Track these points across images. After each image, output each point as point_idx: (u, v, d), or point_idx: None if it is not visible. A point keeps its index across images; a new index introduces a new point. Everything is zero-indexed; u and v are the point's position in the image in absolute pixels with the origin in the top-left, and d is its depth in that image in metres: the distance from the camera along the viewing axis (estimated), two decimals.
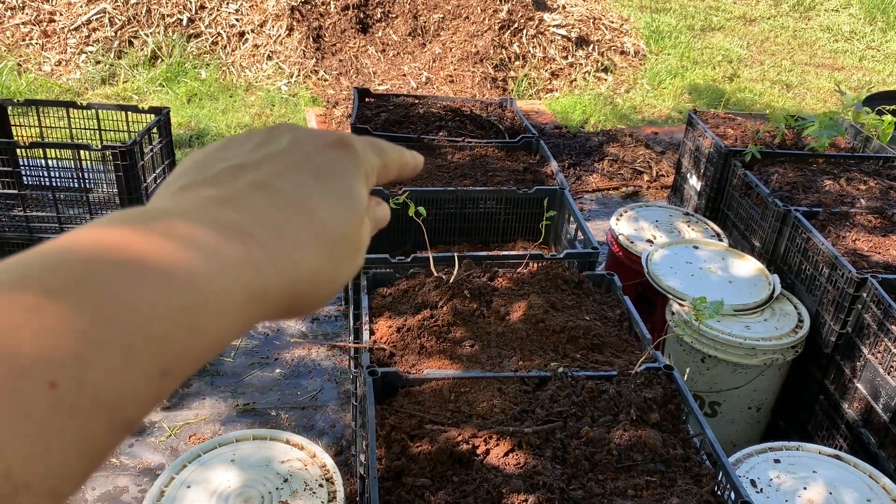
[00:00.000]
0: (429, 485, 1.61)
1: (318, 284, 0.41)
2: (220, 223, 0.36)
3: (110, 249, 0.31)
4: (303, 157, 0.44)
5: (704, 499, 1.62)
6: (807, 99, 7.22)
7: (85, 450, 0.28)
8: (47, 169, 3.30)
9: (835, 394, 2.69)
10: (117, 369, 0.29)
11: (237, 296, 0.35)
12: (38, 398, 0.26)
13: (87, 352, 0.28)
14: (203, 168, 0.43)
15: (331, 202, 0.42)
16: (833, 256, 2.68)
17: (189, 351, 0.32)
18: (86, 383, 0.28)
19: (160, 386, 0.31)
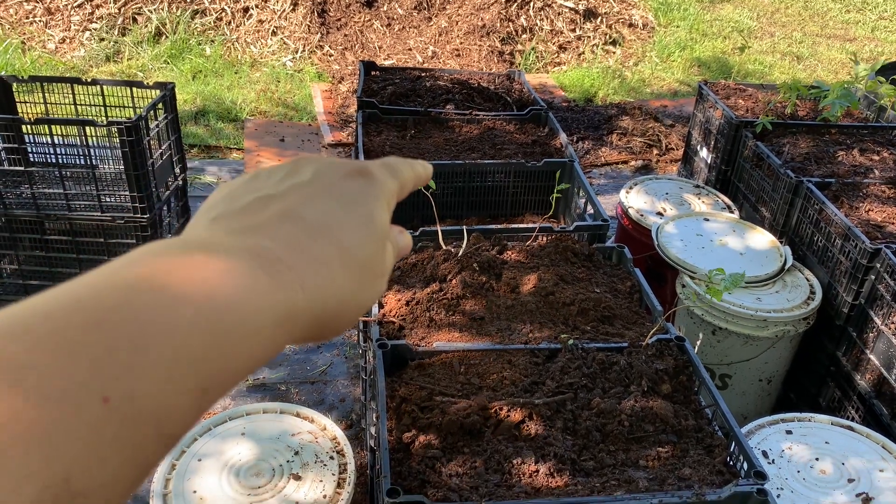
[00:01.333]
0: (440, 456, 1.60)
1: (344, 308, 0.43)
2: (252, 250, 0.39)
3: (152, 276, 0.34)
4: (326, 187, 0.46)
5: (717, 469, 1.61)
6: (818, 70, 7.13)
7: (135, 460, 0.30)
8: (53, 146, 3.29)
9: (847, 365, 2.68)
10: (162, 386, 0.31)
11: (270, 318, 0.37)
12: (93, 411, 0.28)
13: (136, 369, 0.30)
14: (233, 200, 0.45)
15: (355, 228, 0.45)
16: (846, 227, 2.65)
17: (226, 370, 0.35)
18: (135, 397, 0.30)
19: (201, 402, 0.33)
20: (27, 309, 0.31)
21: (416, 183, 0.57)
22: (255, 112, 5.59)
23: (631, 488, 1.53)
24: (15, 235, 3.31)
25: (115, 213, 3.21)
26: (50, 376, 0.28)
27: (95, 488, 0.28)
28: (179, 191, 3.64)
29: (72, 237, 3.27)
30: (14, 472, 0.26)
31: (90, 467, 0.28)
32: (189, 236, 0.42)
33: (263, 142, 5.17)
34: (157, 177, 3.29)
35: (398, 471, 1.57)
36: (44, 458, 0.26)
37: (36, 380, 0.28)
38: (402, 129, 3.19)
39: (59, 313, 0.31)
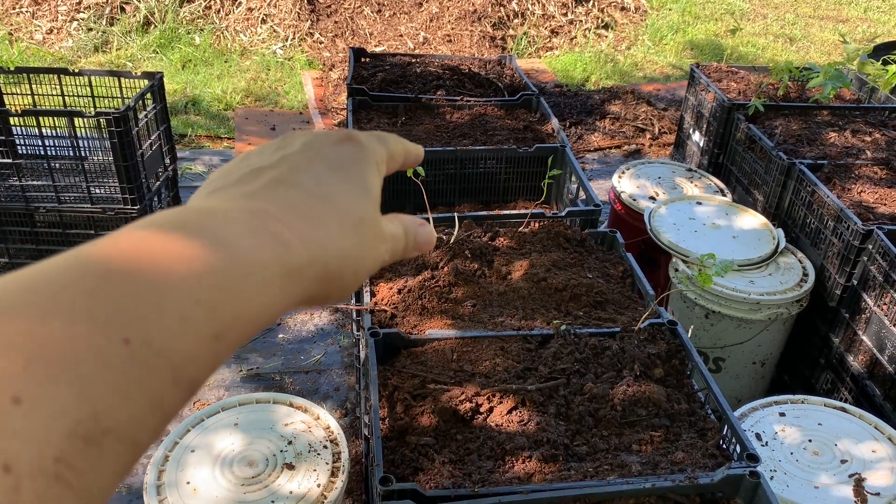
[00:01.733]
0: (432, 443, 1.60)
1: (345, 266, 0.44)
2: (251, 211, 0.40)
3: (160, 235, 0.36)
4: (316, 154, 0.48)
5: (709, 452, 1.61)
6: (811, 52, 7.11)
7: (156, 403, 0.31)
8: (41, 137, 3.26)
9: (840, 347, 2.68)
10: (176, 331, 0.32)
11: (275, 270, 0.38)
12: (116, 351, 0.30)
13: (150, 314, 0.32)
14: (227, 175, 0.47)
15: (348, 190, 0.46)
16: (838, 209, 2.65)
17: (238, 319, 0.36)
18: (152, 341, 0.31)
19: (216, 349, 0.35)
20: (44, 265, 0.32)
21: (406, 156, 0.57)
22: (246, 101, 5.55)
23: (624, 472, 1.53)
24: (4, 228, 3.29)
25: (105, 205, 3.19)
26: (74, 319, 0.29)
27: (121, 426, 0.29)
28: (170, 181, 3.62)
29: (62, 229, 3.26)
30: (49, 407, 0.27)
31: (116, 406, 0.29)
32: (189, 205, 0.44)
33: (254, 130, 5.15)
34: (147, 167, 3.27)
35: (391, 459, 1.57)
36: (74, 394, 0.28)
37: (61, 323, 0.29)
38: (393, 115, 3.17)
39: (75, 266, 0.32)
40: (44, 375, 0.27)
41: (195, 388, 0.34)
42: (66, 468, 0.27)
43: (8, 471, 0.25)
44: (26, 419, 0.26)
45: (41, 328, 0.28)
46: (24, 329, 0.28)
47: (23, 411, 0.26)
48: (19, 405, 0.26)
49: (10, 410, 0.26)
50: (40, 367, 0.27)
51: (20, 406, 0.26)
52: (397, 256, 0.51)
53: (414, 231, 0.53)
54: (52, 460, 0.26)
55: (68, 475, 0.27)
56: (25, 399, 0.27)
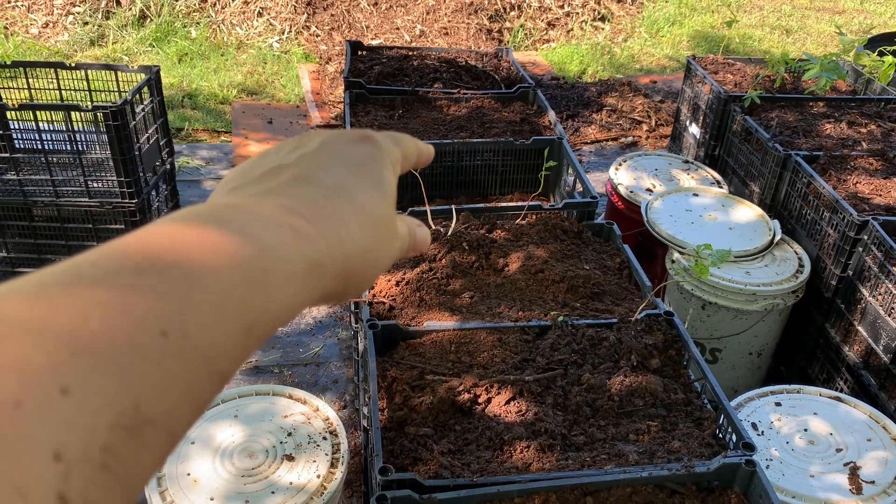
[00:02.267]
0: (431, 434, 1.62)
1: (365, 262, 0.45)
2: (272, 206, 0.41)
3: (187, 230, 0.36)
4: (334, 153, 0.49)
5: (706, 441, 1.62)
6: (807, 44, 7.11)
7: (192, 395, 0.32)
8: (38, 132, 3.26)
9: (835, 337, 2.70)
10: (211, 324, 0.33)
11: (299, 266, 0.39)
12: (154, 344, 0.30)
13: (187, 308, 0.32)
14: (247, 173, 0.48)
15: (366, 188, 0.47)
16: (834, 200, 2.66)
17: (266, 312, 0.37)
18: (188, 335, 0.32)
19: (246, 342, 0.36)
20: (80, 259, 0.33)
21: (417, 156, 0.59)
22: (242, 94, 5.55)
23: (621, 462, 1.54)
24: (3, 223, 3.29)
25: (103, 199, 3.19)
26: (113, 313, 0.30)
27: (161, 418, 0.30)
28: (167, 175, 3.62)
29: (60, 223, 3.26)
30: (95, 398, 0.28)
31: (155, 397, 0.30)
32: (211, 201, 0.45)
33: (251, 124, 5.14)
34: (145, 161, 3.27)
35: (390, 449, 1.58)
36: (117, 385, 0.28)
37: (101, 315, 0.29)
38: (390, 108, 3.18)
39: (111, 260, 0.33)
40: (89, 367, 0.28)
41: (226, 380, 0.35)
42: (112, 457, 0.28)
43: (59, 459, 0.26)
44: (75, 409, 0.27)
45: (83, 321, 0.29)
46: (67, 322, 0.29)
47: (71, 402, 0.27)
48: (68, 395, 0.27)
49: (59, 400, 0.27)
50: (85, 359, 0.28)
51: (69, 396, 0.27)
52: (402, 254, 0.53)
53: (414, 231, 0.54)
54: (99, 449, 0.27)
55: (113, 464, 0.28)
56: (73, 389, 0.27)
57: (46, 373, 0.27)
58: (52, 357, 0.27)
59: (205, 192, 4.34)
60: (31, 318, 0.28)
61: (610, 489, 1.49)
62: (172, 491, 1.77)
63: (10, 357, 0.27)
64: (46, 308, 0.29)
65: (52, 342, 0.28)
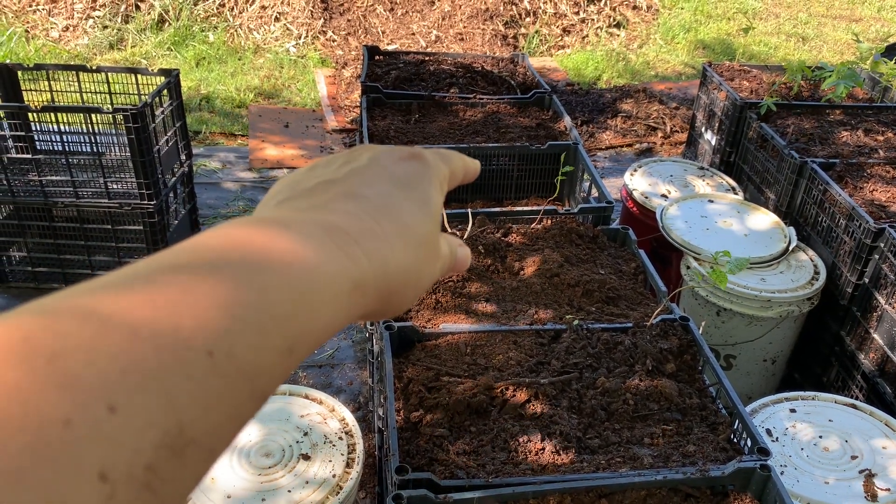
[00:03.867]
0: (447, 435, 1.63)
1: (406, 282, 0.45)
2: (320, 224, 0.41)
3: (238, 243, 0.36)
4: (382, 170, 0.49)
5: (721, 446, 1.63)
6: (823, 51, 7.09)
7: (233, 414, 0.32)
8: (59, 133, 3.31)
9: (851, 345, 2.69)
10: (255, 344, 0.33)
11: (343, 285, 0.39)
12: (199, 364, 0.30)
13: (233, 328, 0.32)
14: (296, 186, 0.48)
15: (412, 208, 0.47)
16: (850, 207, 2.66)
17: (309, 332, 0.37)
18: (234, 355, 0.32)
19: (288, 362, 0.35)
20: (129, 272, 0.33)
21: (465, 173, 0.59)
22: (259, 98, 5.59)
23: (636, 465, 1.55)
24: (23, 223, 3.34)
25: (122, 200, 3.23)
26: (161, 330, 0.30)
27: (202, 437, 0.30)
28: (185, 177, 3.66)
29: (79, 224, 3.30)
30: (141, 417, 0.28)
31: (198, 417, 0.30)
32: (260, 214, 0.44)
33: (268, 128, 5.18)
34: (164, 163, 3.31)
35: (406, 450, 1.59)
36: (162, 405, 0.28)
37: (150, 333, 0.29)
38: (407, 113, 3.20)
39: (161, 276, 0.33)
40: (135, 385, 0.28)
41: (266, 399, 0.34)
42: (155, 477, 0.28)
43: (105, 479, 0.26)
44: (122, 428, 0.27)
45: (132, 340, 0.29)
46: (117, 340, 0.29)
47: (118, 420, 0.27)
48: (115, 413, 0.27)
49: (106, 419, 0.27)
50: (133, 377, 0.28)
51: (116, 415, 0.27)
52: (443, 274, 0.53)
53: (455, 251, 0.54)
54: (143, 469, 0.27)
55: (156, 483, 0.28)
56: (120, 408, 0.27)
57: (96, 391, 0.27)
58: (101, 375, 0.27)
59: (222, 195, 4.38)
60: (83, 333, 0.28)
61: (624, 492, 1.50)
62: None
63: (62, 373, 0.27)
64: (97, 325, 0.29)
65: (103, 359, 0.28)
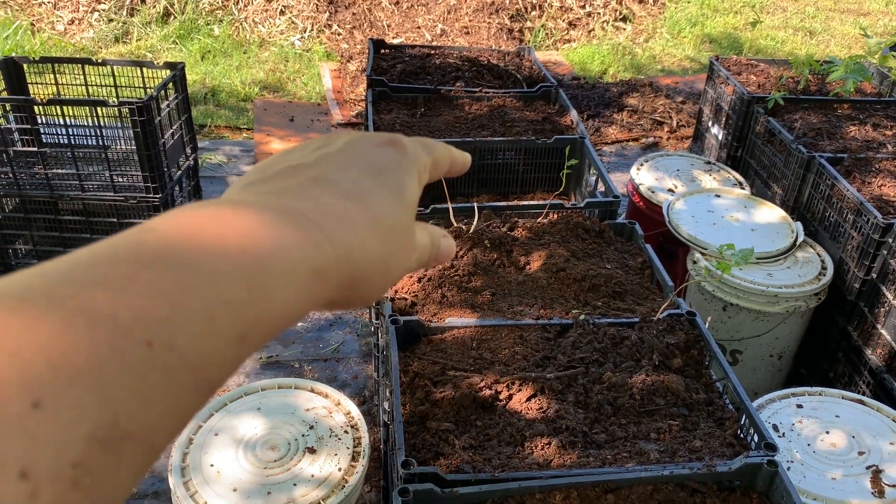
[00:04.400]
0: (452, 429, 1.62)
1: (373, 271, 0.43)
2: (281, 209, 0.40)
3: (188, 230, 0.35)
4: (357, 155, 0.47)
5: (727, 441, 1.62)
6: (831, 46, 7.05)
7: (175, 407, 0.31)
8: (65, 126, 3.31)
9: (858, 340, 2.68)
10: (202, 333, 0.31)
11: (301, 271, 0.37)
12: (138, 355, 0.29)
13: (175, 316, 0.31)
14: (265, 170, 0.46)
15: (384, 195, 0.45)
16: (858, 202, 2.64)
17: (263, 320, 0.35)
18: (175, 345, 0.30)
19: (239, 351, 0.34)
20: (68, 261, 0.31)
21: (451, 164, 0.57)
22: (264, 92, 5.59)
23: (642, 460, 1.54)
24: (29, 216, 3.34)
25: (128, 193, 3.23)
26: (97, 321, 0.28)
27: (141, 431, 0.29)
28: (191, 171, 3.66)
29: (85, 217, 3.30)
30: (70, 411, 0.26)
31: (136, 410, 0.28)
32: (222, 198, 0.43)
33: (273, 121, 5.18)
34: (169, 157, 3.31)
35: (412, 443, 1.59)
36: (95, 398, 0.27)
37: (84, 324, 0.28)
38: (412, 107, 3.19)
39: (101, 265, 0.31)
40: (66, 379, 0.27)
41: (214, 389, 0.33)
42: (84, 473, 0.26)
43: (25, 477, 0.25)
44: (46, 424, 0.26)
45: (65, 331, 0.28)
46: (47, 332, 0.27)
47: (43, 416, 0.26)
48: (39, 409, 0.26)
49: (29, 415, 0.25)
50: (63, 371, 0.27)
51: (40, 411, 0.26)
52: (421, 266, 0.51)
53: (438, 242, 0.53)
54: (70, 466, 0.26)
55: (85, 480, 0.26)
56: (46, 403, 0.26)
57: (19, 385, 0.26)
58: (26, 369, 0.26)
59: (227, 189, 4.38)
60: (11, 326, 0.27)
61: (631, 487, 1.49)
62: (196, 481, 1.79)
63: None
64: (29, 315, 0.28)
65: (29, 353, 0.26)
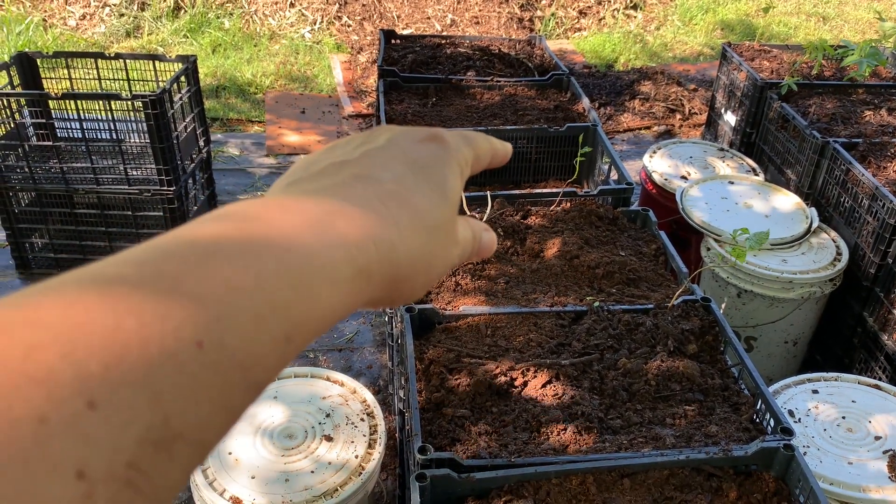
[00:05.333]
0: (468, 415, 1.63)
1: (416, 269, 0.43)
2: (326, 208, 0.40)
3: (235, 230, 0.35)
4: (400, 152, 0.47)
5: (743, 426, 1.62)
6: (844, 31, 6.98)
7: (225, 406, 0.31)
8: (79, 121, 3.33)
9: (874, 326, 2.67)
10: (250, 333, 0.32)
11: (346, 271, 0.38)
12: (188, 355, 0.29)
13: (225, 316, 0.31)
14: (309, 167, 0.46)
15: (426, 192, 0.45)
16: (873, 187, 2.63)
17: (308, 320, 0.35)
18: (225, 345, 0.30)
19: (285, 351, 0.34)
20: (121, 258, 0.32)
21: (493, 156, 0.56)
22: (275, 84, 5.60)
23: (658, 445, 1.55)
24: (45, 210, 3.37)
25: (142, 186, 3.25)
26: (148, 321, 0.29)
27: (191, 430, 0.29)
28: (204, 163, 3.68)
29: (100, 210, 3.33)
30: (123, 411, 0.27)
31: (186, 410, 0.29)
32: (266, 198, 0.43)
33: (284, 113, 5.19)
34: (182, 149, 3.33)
35: (428, 430, 1.60)
36: (147, 398, 0.27)
37: (136, 324, 0.28)
38: (424, 97, 3.19)
39: (153, 263, 0.32)
40: (119, 379, 0.27)
41: (262, 389, 0.33)
42: (137, 473, 0.27)
43: (82, 477, 0.25)
44: (101, 425, 0.26)
45: (117, 329, 0.28)
46: (100, 330, 0.27)
47: (98, 416, 0.26)
48: (95, 410, 0.26)
49: (85, 415, 0.26)
50: (115, 371, 0.27)
51: (96, 411, 0.26)
52: (463, 261, 0.51)
53: (479, 236, 0.52)
54: (125, 466, 0.26)
55: (139, 480, 0.27)
56: (101, 404, 0.26)
57: (74, 385, 0.26)
58: (81, 368, 0.26)
59: (240, 181, 4.40)
60: (64, 325, 0.27)
61: (647, 471, 1.50)
62: (214, 469, 1.81)
63: (38, 368, 0.26)
64: (82, 313, 0.28)
65: (82, 351, 0.27)
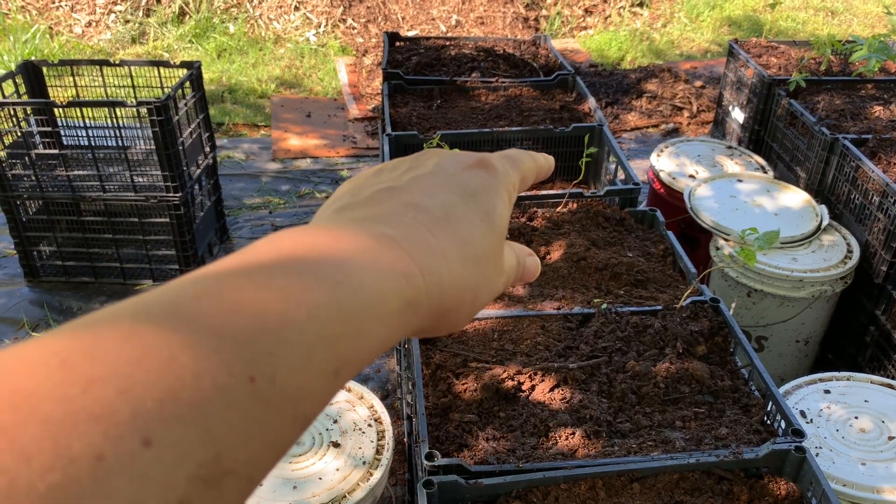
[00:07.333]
0: (476, 420, 1.62)
1: (461, 300, 0.43)
2: (376, 237, 0.39)
3: (286, 258, 0.35)
4: (448, 179, 0.47)
5: (754, 428, 1.60)
6: (853, 25, 6.93)
7: (274, 441, 0.31)
8: (85, 128, 3.34)
9: (886, 324, 2.64)
10: (300, 368, 0.31)
11: (394, 303, 0.37)
12: (240, 391, 0.29)
13: (277, 350, 0.31)
14: (357, 192, 0.46)
15: (474, 221, 0.45)
16: (884, 184, 2.60)
17: (356, 353, 0.35)
18: (276, 380, 0.30)
19: (333, 384, 0.34)
20: (176, 289, 0.31)
21: (538, 174, 0.56)
22: (281, 88, 5.60)
23: (668, 448, 1.53)
24: (52, 217, 3.38)
25: (148, 193, 3.25)
26: (201, 356, 0.28)
27: (240, 466, 0.28)
28: (210, 169, 3.68)
29: (107, 217, 3.33)
30: (176, 448, 0.26)
31: (237, 446, 0.28)
32: (316, 223, 0.43)
33: (290, 118, 5.19)
34: (188, 155, 3.33)
35: (436, 436, 1.59)
36: (199, 435, 0.27)
37: (190, 359, 0.28)
38: (429, 99, 3.18)
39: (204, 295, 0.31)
40: (172, 416, 0.27)
41: (309, 423, 0.33)
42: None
43: None
44: (155, 463, 0.26)
45: (171, 364, 0.28)
46: (155, 366, 0.27)
47: (152, 454, 0.26)
48: (149, 448, 0.26)
49: (140, 453, 0.25)
50: (170, 408, 0.27)
51: (150, 449, 0.26)
52: (507, 287, 0.50)
53: (524, 262, 0.52)
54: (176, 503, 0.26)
55: None
56: (155, 441, 0.26)
57: (130, 422, 0.26)
58: (137, 404, 0.26)
59: (246, 186, 4.40)
60: (121, 359, 0.27)
61: (657, 475, 1.48)
62: None
63: (96, 404, 0.25)
64: (138, 347, 0.28)
65: (139, 388, 0.26)
